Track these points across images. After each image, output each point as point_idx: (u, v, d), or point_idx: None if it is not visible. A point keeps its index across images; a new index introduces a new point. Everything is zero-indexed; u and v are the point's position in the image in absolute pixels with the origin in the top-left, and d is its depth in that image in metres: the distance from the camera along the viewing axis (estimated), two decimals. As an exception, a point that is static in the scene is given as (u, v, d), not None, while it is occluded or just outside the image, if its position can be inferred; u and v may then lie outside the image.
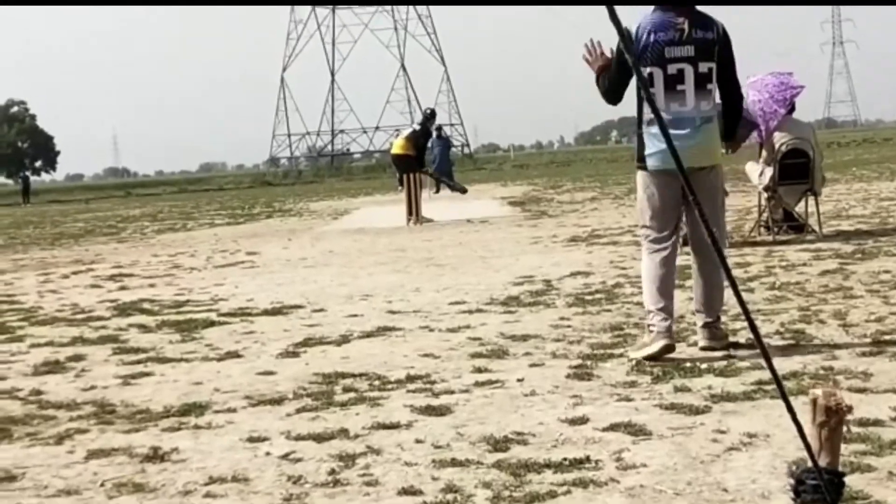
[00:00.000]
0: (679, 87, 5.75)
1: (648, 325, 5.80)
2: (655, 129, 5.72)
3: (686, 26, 5.75)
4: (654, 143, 5.79)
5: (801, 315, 6.80)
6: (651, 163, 5.84)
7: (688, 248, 6.10)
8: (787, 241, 11.17)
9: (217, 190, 61.78)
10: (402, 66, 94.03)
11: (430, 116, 22.11)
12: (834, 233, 11.70)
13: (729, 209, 12.94)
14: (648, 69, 5.73)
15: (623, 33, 4.67)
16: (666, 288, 5.82)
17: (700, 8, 5.89)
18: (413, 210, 18.30)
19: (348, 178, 66.07)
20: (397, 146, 19.66)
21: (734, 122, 6.22)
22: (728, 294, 5.70)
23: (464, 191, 18.82)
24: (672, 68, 5.75)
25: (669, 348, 5.65)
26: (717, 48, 5.84)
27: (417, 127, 20.25)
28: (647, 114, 5.80)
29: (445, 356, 6.21)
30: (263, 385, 5.73)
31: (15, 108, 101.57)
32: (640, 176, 5.96)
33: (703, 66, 5.79)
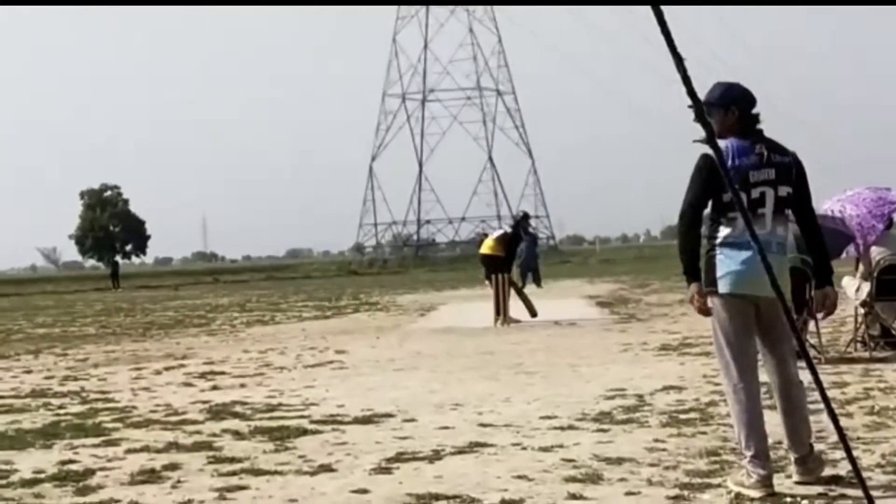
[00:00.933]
0: (760, 211, 5.73)
1: (747, 469, 5.70)
2: (730, 251, 5.69)
3: (764, 151, 5.78)
4: (726, 265, 5.73)
5: (903, 445, 6.66)
6: (723, 286, 5.75)
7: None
8: (884, 357, 10.98)
9: (304, 278, 62.44)
10: (490, 158, 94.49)
11: (523, 219, 22.20)
12: (932, 349, 11.46)
13: (823, 321, 12.81)
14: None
15: (716, 147, 4.66)
16: (756, 430, 5.71)
17: (772, 137, 5.89)
18: (500, 310, 18.33)
19: (433, 269, 66.32)
20: (486, 247, 19.71)
21: (824, 262, 6.00)
22: (826, 418, 5.54)
23: (533, 314, 18.46)
24: (755, 192, 5.73)
25: (768, 496, 5.55)
26: (794, 172, 5.84)
27: (509, 229, 20.30)
28: (721, 236, 5.75)
29: (539, 479, 6.17)
30: (358, 505, 5.74)
31: (108, 193, 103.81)
32: (712, 301, 5.84)
33: (783, 190, 5.78)
